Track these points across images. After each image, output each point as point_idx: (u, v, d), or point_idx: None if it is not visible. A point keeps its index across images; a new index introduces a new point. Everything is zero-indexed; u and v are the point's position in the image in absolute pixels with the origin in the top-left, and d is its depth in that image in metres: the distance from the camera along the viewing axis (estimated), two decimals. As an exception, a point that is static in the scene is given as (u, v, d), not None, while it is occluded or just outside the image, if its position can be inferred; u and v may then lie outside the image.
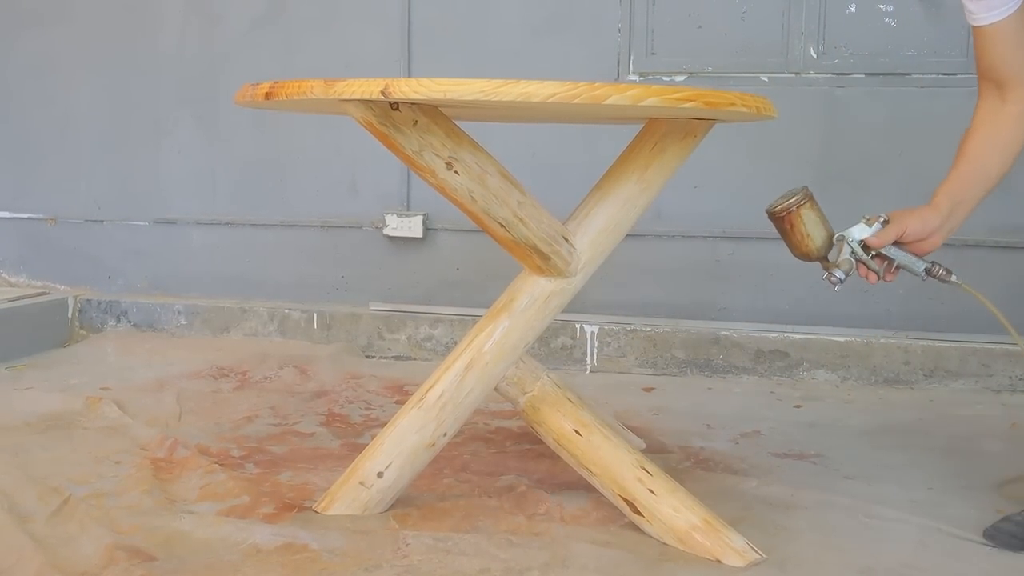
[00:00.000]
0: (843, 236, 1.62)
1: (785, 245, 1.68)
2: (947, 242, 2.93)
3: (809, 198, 1.63)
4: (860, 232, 1.61)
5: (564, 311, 1.79)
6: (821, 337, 2.90)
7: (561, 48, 3.13)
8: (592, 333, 3.04)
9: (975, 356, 2.79)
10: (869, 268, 1.63)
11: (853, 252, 1.61)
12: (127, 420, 2.30)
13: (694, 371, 2.98)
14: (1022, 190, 2.84)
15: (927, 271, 1.61)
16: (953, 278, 1.63)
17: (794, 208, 1.62)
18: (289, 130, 3.34)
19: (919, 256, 1.63)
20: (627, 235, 1.77)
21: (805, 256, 1.65)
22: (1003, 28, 1.46)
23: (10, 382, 2.72)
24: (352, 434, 2.28)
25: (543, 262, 1.68)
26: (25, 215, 3.61)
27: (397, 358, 3.17)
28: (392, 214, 3.26)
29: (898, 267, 1.63)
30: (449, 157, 1.55)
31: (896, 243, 1.62)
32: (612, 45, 3.10)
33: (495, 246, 1.74)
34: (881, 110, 2.94)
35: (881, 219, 1.62)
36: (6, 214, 3.62)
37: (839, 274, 1.61)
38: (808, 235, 1.62)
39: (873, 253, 1.62)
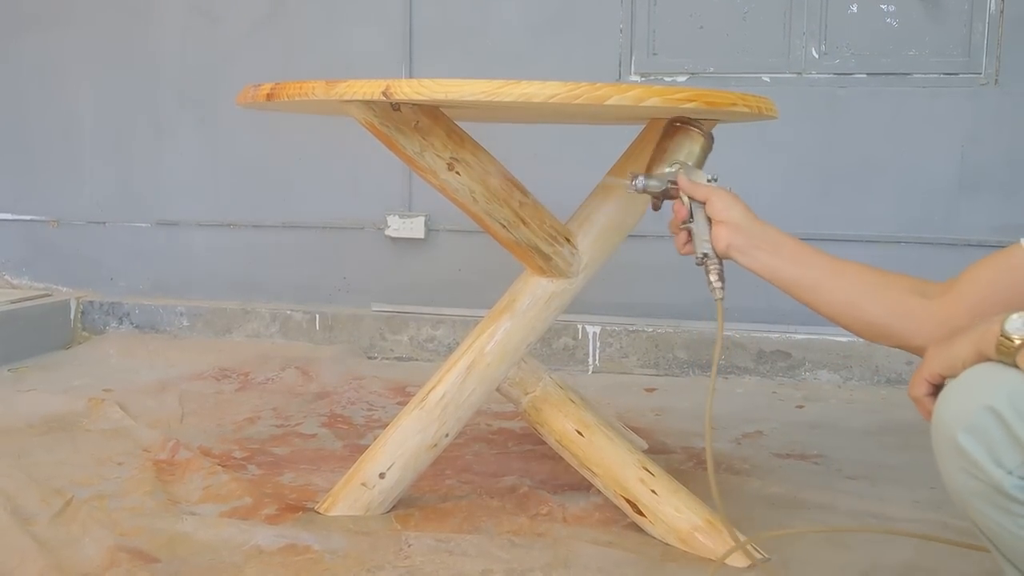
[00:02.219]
0: (678, 164, 1.49)
1: None
2: (949, 242, 2.96)
3: (710, 137, 1.54)
4: (695, 176, 1.47)
5: (566, 312, 1.79)
6: (823, 337, 2.89)
7: (562, 49, 3.13)
8: (594, 334, 3.04)
9: (977, 356, 2.79)
10: (662, 201, 1.51)
11: (668, 177, 1.48)
12: (129, 422, 2.30)
13: (696, 371, 2.98)
14: (1023, 191, 2.84)
15: (704, 255, 1.42)
16: (716, 287, 1.43)
17: (693, 126, 1.52)
18: (291, 131, 3.34)
19: (710, 241, 1.43)
20: (629, 235, 1.77)
21: (652, 167, 1.52)
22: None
23: (12, 384, 2.72)
24: (354, 435, 2.28)
25: (545, 263, 1.68)
26: (27, 217, 3.61)
27: (399, 359, 3.17)
28: (394, 215, 3.26)
29: (689, 234, 1.45)
30: (450, 158, 1.55)
31: (704, 210, 1.45)
32: (614, 45, 3.10)
33: (497, 247, 1.74)
34: (883, 110, 2.94)
35: (713, 179, 1.48)
36: (8, 216, 3.63)
37: (639, 182, 1.48)
38: (681, 146, 1.52)
39: (667, 192, 1.49)
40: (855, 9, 2.94)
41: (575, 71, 3.05)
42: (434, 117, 1.53)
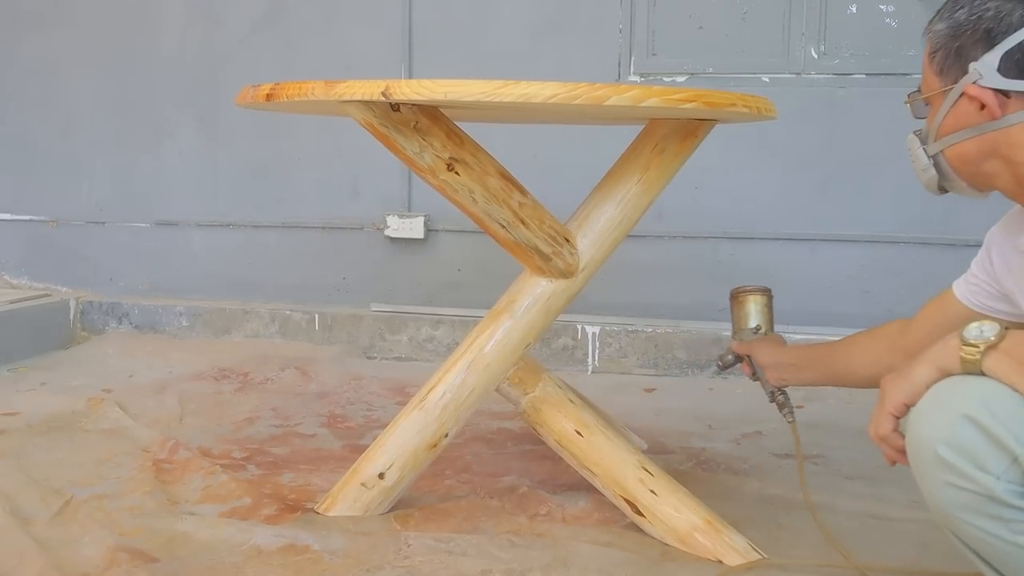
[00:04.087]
0: (739, 334, 1.80)
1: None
2: (948, 241, 2.97)
3: (763, 293, 1.80)
4: (746, 336, 1.78)
5: (565, 312, 1.79)
6: (822, 337, 2.88)
7: (562, 49, 3.13)
8: (593, 334, 3.04)
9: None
10: (745, 365, 1.79)
11: (731, 350, 1.81)
12: (129, 422, 2.30)
13: (695, 372, 2.98)
14: (1023, 190, 2.84)
15: (771, 394, 1.73)
16: (786, 414, 1.73)
17: (744, 293, 1.81)
18: (290, 132, 3.34)
19: (769, 382, 1.73)
20: (628, 236, 1.77)
21: (732, 336, 1.83)
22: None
23: (12, 384, 2.72)
24: (353, 435, 2.28)
25: (544, 263, 1.68)
26: (27, 217, 3.61)
27: (398, 359, 3.17)
28: (393, 215, 3.26)
29: (757, 378, 1.76)
30: (450, 158, 1.55)
31: (755, 361, 1.75)
32: (613, 46, 3.10)
33: (497, 247, 1.74)
34: (882, 110, 2.94)
35: (762, 333, 1.79)
36: (8, 216, 3.63)
37: (719, 363, 1.83)
38: (741, 317, 1.80)
39: (737, 359, 1.80)
40: (854, 9, 2.94)
41: (574, 71, 3.05)
42: (433, 117, 1.53)
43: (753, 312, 1.80)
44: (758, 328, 1.78)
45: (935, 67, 1.23)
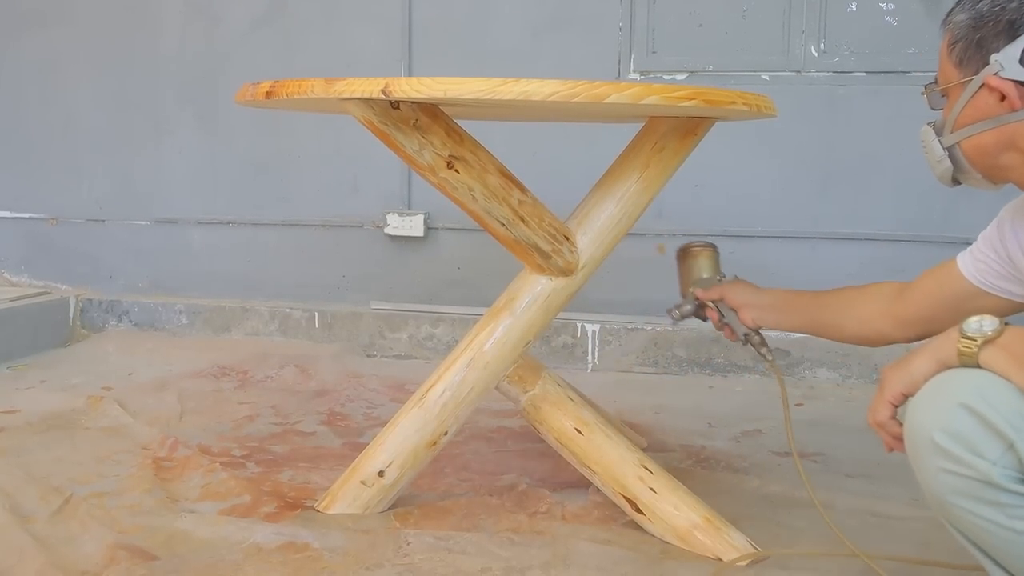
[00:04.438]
0: (695, 285, 1.77)
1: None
2: (948, 239, 2.96)
3: (708, 247, 1.79)
4: (705, 285, 1.76)
5: (565, 310, 1.79)
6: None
7: (562, 47, 3.13)
8: (593, 332, 3.04)
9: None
10: (705, 315, 1.77)
11: (690, 299, 1.78)
12: (128, 420, 2.30)
13: (695, 370, 2.98)
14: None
15: (745, 336, 1.70)
16: (765, 353, 1.70)
17: (695, 247, 1.79)
18: (290, 130, 3.34)
19: (743, 323, 1.70)
20: (628, 233, 1.77)
21: (682, 293, 1.81)
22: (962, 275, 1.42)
23: (12, 382, 2.72)
24: (353, 433, 2.28)
25: (544, 261, 1.68)
26: (26, 215, 3.61)
27: (398, 357, 3.17)
28: (393, 213, 3.26)
29: (726, 323, 1.73)
30: (449, 156, 1.55)
31: (726, 304, 1.73)
32: (613, 44, 3.10)
33: (496, 245, 1.74)
34: (882, 108, 2.94)
35: (728, 279, 1.76)
36: (7, 214, 3.63)
37: (676, 313, 1.79)
38: (692, 272, 1.79)
39: (700, 303, 1.77)
40: (854, 7, 2.94)
41: (574, 69, 3.05)
42: (433, 115, 1.53)
43: (708, 265, 1.78)
44: (720, 278, 1.76)
45: (954, 58, 1.23)
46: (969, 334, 1.09)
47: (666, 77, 3.07)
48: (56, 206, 3.59)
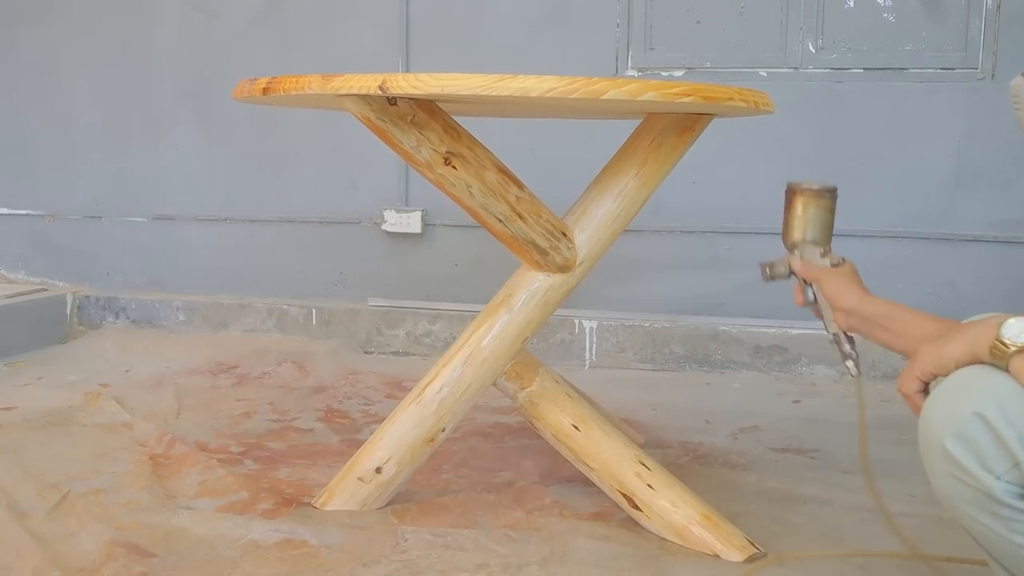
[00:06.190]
0: (797, 246, 1.52)
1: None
2: (945, 236, 2.97)
3: (826, 195, 1.52)
4: (808, 254, 1.51)
5: (563, 306, 1.79)
6: (820, 333, 2.87)
7: (559, 43, 3.12)
8: (591, 328, 3.04)
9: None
10: (797, 287, 1.54)
11: (789, 264, 1.53)
12: (126, 416, 2.30)
13: (693, 366, 2.98)
14: (1020, 186, 2.84)
15: (834, 336, 1.47)
16: (849, 366, 1.47)
17: (805, 191, 1.51)
18: (287, 126, 3.34)
19: (836, 322, 1.47)
20: (626, 230, 1.77)
21: (783, 240, 1.55)
22: None
23: (9, 378, 2.72)
24: (351, 430, 2.28)
25: (541, 257, 1.68)
26: (23, 212, 3.61)
27: (396, 354, 3.17)
28: (390, 210, 3.26)
29: (814, 304, 1.51)
30: (447, 152, 1.55)
31: (825, 295, 1.48)
32: (610, 40, 3.09)
33: (494, 241, 1.74)
34: (880, 105, 2.94)
35: (835, 260, 1.50)
36: (4, 211, 3.62)
37: (767, 271, 1.55)
38: (796, 224, 1.52)
39: (795, 277, 1.53)
40: (852, 4, 2.94)
41: (572, 66, 3.05)
42: (430, 111, 1.53)
43: (819, 221, 1.49)
44: (821, 244, 1.49)
45: None
46: (1005, 339, 1.04)
47: (664, 73, 3.07)
48: (53, 203, 3.58)
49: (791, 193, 1.51)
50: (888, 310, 1.40)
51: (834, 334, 1.47)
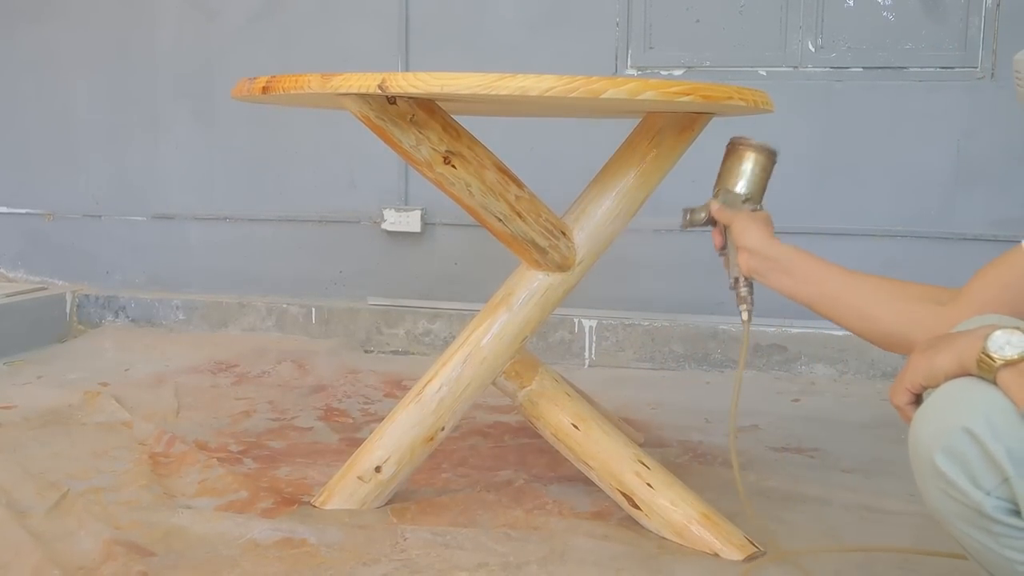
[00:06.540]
0: (724, 195, 1.57)
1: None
2: (945, 235, 2.96)
3: (769, 154, 1.55)
4: (731, 201, 1.56)
5: (562, 305, 1.79)
6: (819, 331, 2.90)
7: (559, 43, 3.12)
8: (590, 327, 3.04)
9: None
10: (716, 231, 1.60)
11: (707, 209, 1.59)
12: (125, 415, 2.30)
13: (692, 365, 2.98)
14: (1019, 185, 2.84)
15: (736, 281, 1.51)
16: (744, 309, 1.52)
17: (752, 146, 1.55)
18: (286, 125, 3.34)
19: (739, 265, 1.51)
20: (625, 229, 1.77)
21: (714, 189, 1.61)
22: None
23: (8, 377, 2.72)
24: (350, 429, 2.28)
25: (541, 256, 1.68)
26: (23, 211, 3.61)
27: (395, 353, 3.17)
28: (390, 209, 3.26)
29: (725, 254, 1.55)
30: (446, 151, 1.55)
31: (735, 236, 1.53)
32: (610, 39, 3.09)
33: (493, 240, 1.74)
34: (879, 104, 2.94)
35: (754, 208, 1.55)
36: (4, 210, 3.62)
37: (688, 216, 1.62)
38: (733, 174, 1.57)
39: (709, 221, 1.59)
40: (851, 3, 2.94)
41: (571, 65, 3.05)
42: (430, 111, 1.53)
43: (748, 172, 1.54)
44: (747, 198, 1.53)
45: None
46: (991, 352, 1.02)
47: (663, 73, 3.07)
48: (52, 201, 3.58)
49: (736, 146, 1.56)
50: (792, 254, 1.43)
51: (735, 278, 1.50)
